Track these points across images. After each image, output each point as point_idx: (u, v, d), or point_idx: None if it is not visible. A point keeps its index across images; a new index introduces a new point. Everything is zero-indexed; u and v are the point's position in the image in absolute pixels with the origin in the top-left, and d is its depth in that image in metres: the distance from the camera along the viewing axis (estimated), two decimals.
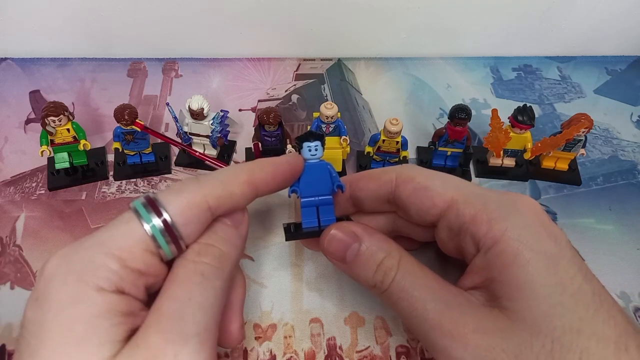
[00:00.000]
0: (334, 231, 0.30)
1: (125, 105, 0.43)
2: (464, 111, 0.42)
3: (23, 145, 0.48)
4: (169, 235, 0.24)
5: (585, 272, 0.24)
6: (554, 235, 0.25)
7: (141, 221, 0.24)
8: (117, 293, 0.23)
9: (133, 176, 0.46)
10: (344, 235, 0.29)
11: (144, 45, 0.57)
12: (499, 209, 0.26)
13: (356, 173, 0.33)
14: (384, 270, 0.28)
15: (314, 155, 0.30)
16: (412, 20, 0.55)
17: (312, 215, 0.31)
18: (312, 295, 0.38)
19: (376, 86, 0.57)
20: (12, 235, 0.41)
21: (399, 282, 0.27)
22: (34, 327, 0.22)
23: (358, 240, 0.29)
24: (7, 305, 0.37)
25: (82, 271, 0.22)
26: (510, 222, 0.25)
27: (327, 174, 0.31)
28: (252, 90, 0.55)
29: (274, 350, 0.36)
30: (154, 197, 0.25)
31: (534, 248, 0.24)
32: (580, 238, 0.43)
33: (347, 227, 0.30)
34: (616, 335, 0.22)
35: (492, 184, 0.48)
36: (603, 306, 0.23)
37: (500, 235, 0.25)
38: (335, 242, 0.29)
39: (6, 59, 0.57)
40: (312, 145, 0.30)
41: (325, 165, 0.31)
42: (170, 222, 0.24)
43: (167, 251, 0.24)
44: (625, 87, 0.57)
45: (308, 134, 0.30)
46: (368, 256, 0.28)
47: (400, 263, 0.28)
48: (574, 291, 0.23)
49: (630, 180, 0.48)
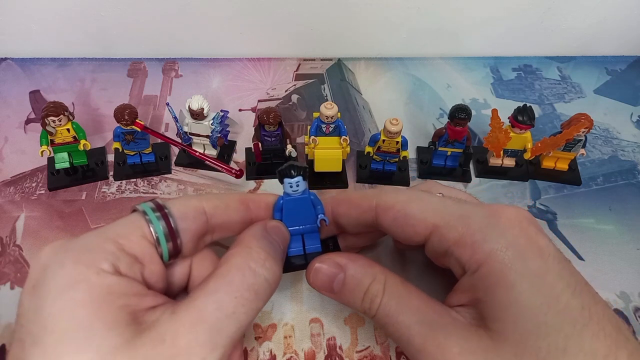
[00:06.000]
0: (317, 265, 0.30)
1: (125, 105, 0.43)
2: (464, 111, 0.42)
3: (23, 145, 0.48)
4: (165, 222, 0.25)
5: (574, 285, 0.24)
6: (540, 251, 0.25)
7: (141, 212, 0.25)
8: (116, 274, 0.22)
9: (133, 176, 0.46)
10: (328, 267, 0.29)
11: (144, 45, 0.57)
12: (482, 230, 0.26)
13: (337, 196, 0.33)
14: (370, 297, 0.28)
15: (296, 190, 0.30)
16: (412, 20, 0.55)
17: (298, 242, 0.32)
18: (312, 295, 0.38)
19: (376, 86, 0.57)
20: (12, 235, 0.41)
21: (384, 308, 0.27)
22: (33, 314, 0.21)
23: (342, 270, 0.29)
24: (7, 305, 0.37)
25: (80, 254, 0.22)
26: (493, 243, 0.25)
27: (310, 206, 0.31)
28: (252, 90, 0.55)
29: (274, 350, 0.36)
30: (156, 200, 0.26)
31: (518, 269, 0.24)
32: (580, 238, 0.43)
33: (330, 259, 0.30)
34: (605, 348, 0.22)
35: (492, 184, 0.48)
36: (592, 320, 0.23)
37: (484, 258, 0.25)
38: (321, 276, 0.29)
39: (6, 59, 0.57)
40: (293, 182, 0.30)
41: (307, 198, 0.31)
42: (167, 212, 0.26)
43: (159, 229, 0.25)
44: (625, 87, 0.57)
45: (289, 167, 0.29)
46: (354, 284, 0.29)
47: (385, 286, 0.28)
48: (560, 309, 0.23)
49: (630, 180, 0.48)
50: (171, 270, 0.28)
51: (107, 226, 0.25)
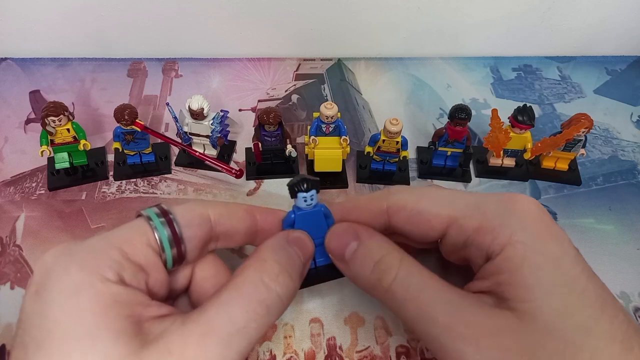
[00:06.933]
0: (336, 228, 0.29)
1: (125, 105, 0.43)
2: (464, 111, 0.42)
3: (23, 145, 0.48)
4: (170, 228, 0.25)
5: (588, 271, 0.24)
6: (556, 236, 0.25)
7: (146, 218, 0.25)
8: (120, 283, 0.22)
9: (133, 176, 0.46)
10: (343, 232, 0.29)
11: (144, 45, 0.57)
12: (500, 217, 0.26)
13: (345, 202, 0.32)
14: (382, 268, 0.27)
15: (310, 205, 0.29)
16: (412, 20, 0.55)
17: None
18: (312, 295, 0.38)
19: (376, 86, 0.57)
20: (12, 235, 0.41)
21: (403, 282, 0.26)
22: (36, 319, 0.21)
23: (358, 239, 0.28)
24: (7, 305, 0.37)
25: (85, 260, 0.22)
26: (513, 227, 0.25)
27: (323, 219, 0.30)
28: (252, 90, 0.55)
29: (274, 350, 0.36)
30: (161, 205, 0.26)
31: (540, 251, 0.24)
32: (580, 238, 0.43)
33: (350, 226, 0.29)
34: (622, 334, 0.23)
35: (492, 184, 0.48)
36: (607, 305, 0.23)
37: (506, 241, 0.25)
38: (335, 238, 0.29)
39: (6, 59, 0.57)
40: (308, 196, 0.29)
41: (320, 211, 0.30)
42: (172, 217, 0.25)
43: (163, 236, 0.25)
44: (625, 87, 0.57)
45: (302, 181, 0.29)
46: (365, 253, 0.28)
47: (402, 262, 0.27)
48: (580, 290, 0.23)
49: (630, 180, 0.48)
50: (173, 274, 0.27)
51: (111, 231, 0.24)
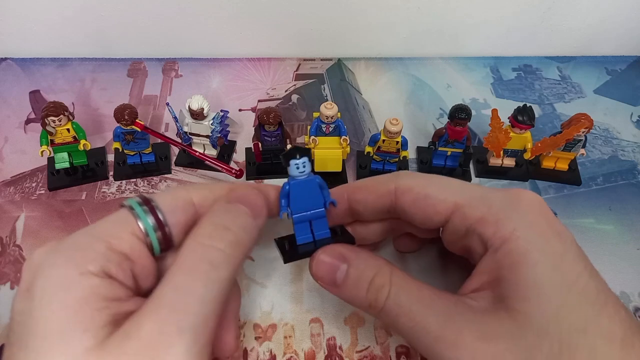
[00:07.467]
0: (320, 255, 0.29)
1: (125, 105, 0.43)
2: (464, 111, 0.42)
3: (23, 145, 0.48)
4: (152, 216, 0.25)
5: (590, 269, 0.24)
6: (559, 233, 0.25)
7: (128, 207, 0.25)
8: (102, 276, 0.22)
9: (133, 176, 0.46)
10: (331, 258, 0.29)
11: (144, 45, 0.57)
12: (505, 210, 0.26)
13: (352, 183, 0.32)
14: (376, 287, 0.27)
15: (302, 172, 0.30)
16: (412, 20, 0.55)
17: (306, 230, 0.31)
18: (312, 295, 0.38)
19: (376, 86, 0.57)
20: (12, 235, 0.41)
21: (394, 298, 0.26)
22: (22, 317, 0.21)
23: (346, 261, 0.28)
24: (7, 305, 0.37)
25: (69, 255, 0.22)
26: (516, 222, 0.25)
27: (317, 188, 0.30)
28: (252, 90, 0.55)
29: (274, 350, 0.36)
30: (143, 195, 0.26)
31: (541, 248, 0.24)
32: (580, 238, 0.43)
33: (333, 249, 0.29)
34: (622, 332, 0.23)
35: (492, 184, 0.48)
36: (608, 303, 0.23)
37: (508, 235, 0.25)
38: (323, 266, 0.29)
39: (6, 59, 0.57)
40: (300, 162, 0.29)
41: (314, 180, 0.30)
42: (154, 205, 0.25)
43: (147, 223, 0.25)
44: (625, 87, 0.57)
45: (293, 150, 0.29)
46: (358, 275, 0.28)
47: (392, 278, 0.27)
48: (580, 289, 0.23)
49: (630, 180, 0.48)
50: (162, 263, 0.27)
51: (95, 224, 0.24)
